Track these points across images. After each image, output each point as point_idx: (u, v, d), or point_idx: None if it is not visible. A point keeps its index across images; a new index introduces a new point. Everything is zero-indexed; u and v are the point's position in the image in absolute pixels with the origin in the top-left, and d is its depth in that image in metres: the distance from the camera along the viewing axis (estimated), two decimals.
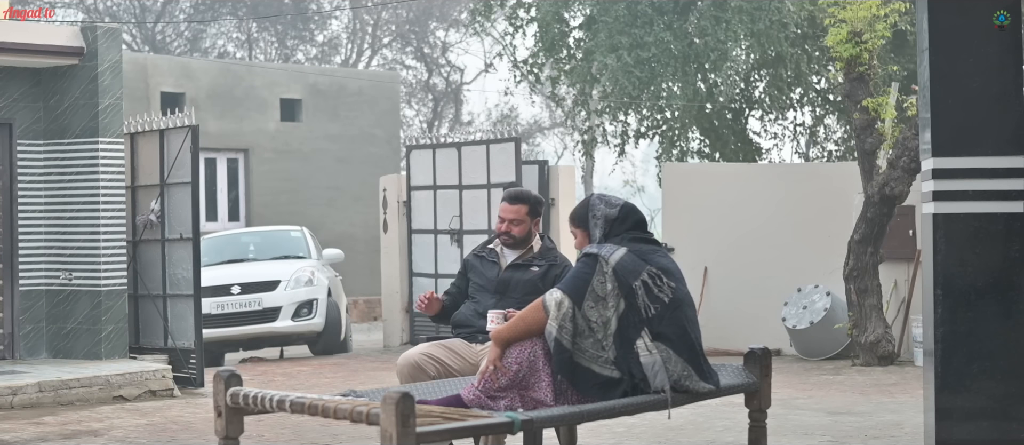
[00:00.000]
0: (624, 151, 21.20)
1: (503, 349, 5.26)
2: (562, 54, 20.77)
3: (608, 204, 5.50)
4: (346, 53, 34.72)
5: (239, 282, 15.03)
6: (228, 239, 16.81)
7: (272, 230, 17.35)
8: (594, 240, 5.46)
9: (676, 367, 5.25)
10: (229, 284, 14.98)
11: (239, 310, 14.89)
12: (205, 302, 13.25)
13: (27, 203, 11.64)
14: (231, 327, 14.82)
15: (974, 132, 5.87)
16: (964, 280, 5.85)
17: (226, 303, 14.88)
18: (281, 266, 15.62)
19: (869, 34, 12.37)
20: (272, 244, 16.65)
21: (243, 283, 15.04)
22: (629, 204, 5.53)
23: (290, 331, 15.13)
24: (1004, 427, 5.82)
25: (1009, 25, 5.83)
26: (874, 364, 12.23)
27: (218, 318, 14.69)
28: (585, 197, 5.63)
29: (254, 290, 15.03)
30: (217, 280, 14.82)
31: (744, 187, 14.34)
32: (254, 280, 15.16)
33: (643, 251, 5.35)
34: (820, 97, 20.36)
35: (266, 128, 20.37)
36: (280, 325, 15.06)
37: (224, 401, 5.15)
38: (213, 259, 15.55)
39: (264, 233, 17.22)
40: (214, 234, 16.65)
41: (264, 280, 15.14)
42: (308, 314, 15.03)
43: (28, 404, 10.19)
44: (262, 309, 14.98)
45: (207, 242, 15.36)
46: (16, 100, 11.56)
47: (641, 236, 5.43)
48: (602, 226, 5.45)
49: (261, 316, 15.00)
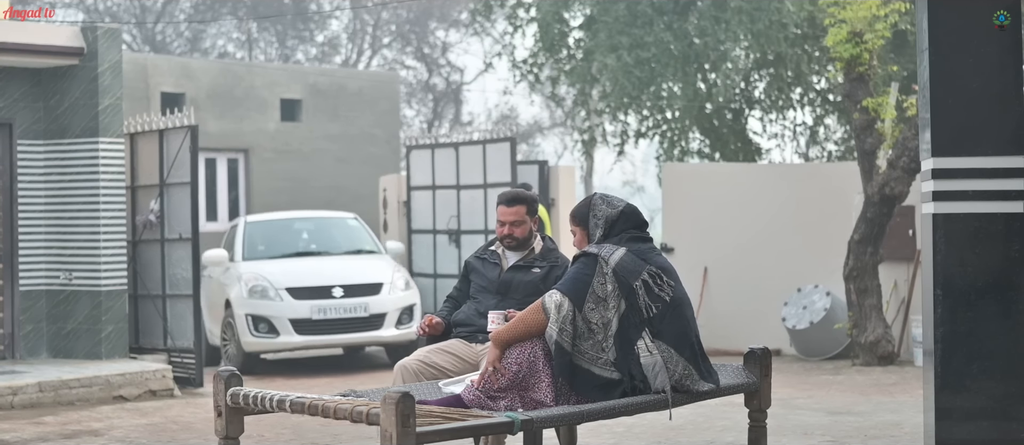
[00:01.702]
0: (624, 151, 21.20)
1: (503, 350, 5.26)
2: (562, 54, 20.76)
3: (610, 204, 5.50)
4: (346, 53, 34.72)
5: (341, 284, 13.23)
6: (279, 226, 14.87)
7: (325, 217, 15.53)
8: (593, 239, 5.46)
9: (677, 367, 5.25)
10: (330, 286, 13.20)
11: (343, 316, 13.06)
12: (301, 305, 12.91)
13: (27, 203, 11.64)
14: (333, 334, 13.10)
15: (974, 132, 5.87)
16: (964, 280, 5.85)
17: (328, 308, 13.06)
18: (372, 264, 13.90)
19: (869, 34, 12.37)
20: (329, 234, 14.94)
21: (345, 285, 13.23)
22: (630, 205, 5.52)
23: (394, 341, 13.40)
24: (1004, 427, 5.82)
25: (1009, 25, 5.83)
26: (874, 364, 12.23)
27: (319, 324, 13.04)
28: (587, 196, 5.63)
29: (357, 293, 13.20)
30: (312, 279, 13.32)
31: (744, 187, 14.33)
32: (356, 281, 13.34)
33: (641, 251, 5.36)
34: (820, 97, 20.34)
35: (266, 128, 20.38)
36: (385, 333, 13.35)
37: (224, 401, 5.15)
38: (270, 249, 14.16)
39: (317, 220, 15.33)
40: (258, 219, 14.91)
41: (367, 282, 13.34)
42: (408, 321, 13.39)
43: (28, 404, 10.19)
44: (368, 316, 13.23)
45: (253, 227, 14.40)
46: (16, 100, 11.56)
47: (639, 236, 5.44)
48: (602, 226, 5.45)
49: (366, 323, 13.25)
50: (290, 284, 13.12)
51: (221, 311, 13.63)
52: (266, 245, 14.20)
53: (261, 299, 13.05)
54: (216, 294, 13.83)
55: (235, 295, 13.22)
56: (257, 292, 13.08)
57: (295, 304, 13.01)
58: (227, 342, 13.43)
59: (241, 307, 13.06)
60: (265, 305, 13.02)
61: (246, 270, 13.47)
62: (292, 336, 12.93)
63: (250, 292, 13.09)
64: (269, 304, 13.01)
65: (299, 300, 13.03)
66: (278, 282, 13.11)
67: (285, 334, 12.93)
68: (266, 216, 15.19)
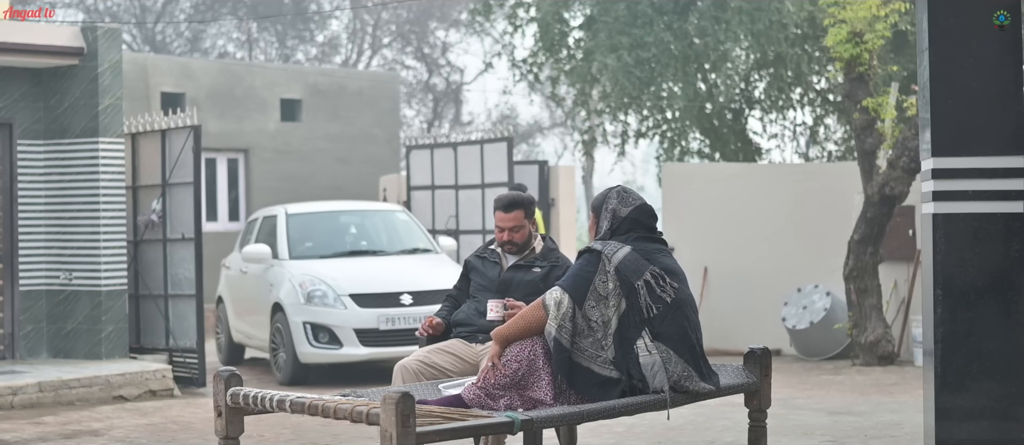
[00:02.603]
0: (624, 151, 21.21)
1: (503, 347, 5.27)
2: (562, 54, 20.77)
3: (623, 201, 5.46)
4: (346, 53, 34.71)
5: (409, 290, 11.96)
6: (324, 220, 13.55)
7: (373, 209, 14.14)
8: (601, 232, 5.46)
9: (676, 368, 5.25)
10: (398, 292, 11.93)
11: (413, 325, 11.67)
12: (368, 313, 11.78)
13: (27, 203, 11.64)
14: (401, 346, 11.62)
15: (974, 132, 5.87)
16: (964, 280, 5.85)
17: (396, 317, 11.82)
18: (435, 267, 12.69)
19: (869, 34, 12.37)
20: (377, 229, 13.67)
21: (414, 292, 11.95)
22: (643, 206, 5.46)
23: None
24: (1004, 427, 5.82)
25: (1009, 25, 5.83)
26: (874, 364, 12.23)
27: (386, 335, 11.84)
28: (609, 187, 5.61)
29: (426, 300, 11.77)
30: (378, 284, 12.08)
31: (744, 187, 14.34)
32: (425, 287, 12.01)
33: (647, 250, 5.34)
34: (820, 97, 20.35)
35: (266, 128, 20.38)
36: None
37: (224, 401, 5.15)
38: (318, 246, 12.99)
39: (364, 213, 13.94)
40: (300, 210, 13.54)
41: (435, 288, 11.79)
42: None
43: (28, 404, 10.20)
44: None
45: (296, 221, 13.14)
46: (16, 100, 11.57)
47: (647, 236, 5.42)
48: (609, 221, 5.45)
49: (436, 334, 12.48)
50: (354, 290, 11.92)
51: (263, 314, 12.62)
52: (314, 241, 13.03)
53: (321, 306, 11.86)
54: (257, 294, 12.90)
55: (288, 300, 12.05)
56: (317, 298, 11.90)
57: (361, 313, 11.80)
58: (277, 349, 12.28)
59: (297, 314, 11.90)
60: (326, 313, 11.82)
61: (298, 271, 12.26)
62: (357, 348, 11.75)
63: (308, 298, 11.92)
64: (331, 312, 11.82)
65: (365, 308, 11.83)
66: (340, 287, 11.92)
67: (349, 345, 11.77)
68: (307, 207, 13.83)
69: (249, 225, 14.14)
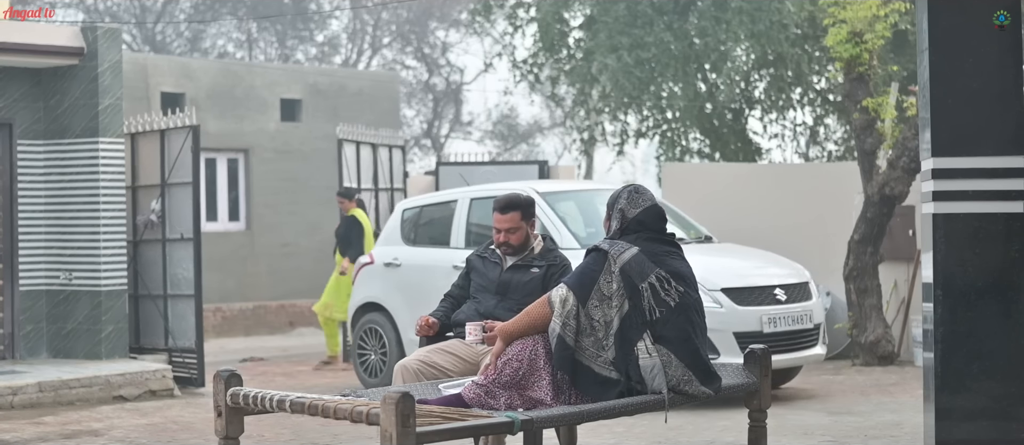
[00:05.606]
0: (624, 151, 21.20)
1: (507, 344, 5.27)
2: (562, 54, 20.77)
3: (633, 202, 5.44)
4: (346, 53, 34.70)
5: (781, 283, 9.99)
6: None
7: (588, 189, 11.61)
8: (611, 231, 5.46)
9: (676, 371, 5.24)
10: (772, 286, 9.93)
11: (792, 328, 9.85)
12: (748, 313, 9.61)
13: (27, 203, 11.64)
14: (784, 354, 9.67)
15: (974, 132, 5.88)
16: (964, 280, 5.85)
17: (777, 316, 9.76)
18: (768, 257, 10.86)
19: (869, 34, 12.37)
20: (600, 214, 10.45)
21: (786, 285, 10.01)
22: (653, 208, 5.44)
23: (819, 361, 10.59)
24: (1004, 427, 5.82)
25: (1009, 25, 5.83)
26: (874, 364, 12.22)
27: (766, 338, 9.53)
28: (625, 185, 5.61)
29: (797, 296, 10.03)
30: (750, 277, 9.98)
31: (744, 187, 14.33)
32: (793, 281, 10.15)
33: (656, 252, 5.32)
34: (820, 97, 20.34)
35: (266, 128, 20.37)
36: (819, 350, 10.27)
37: (224, 401, 5.15)
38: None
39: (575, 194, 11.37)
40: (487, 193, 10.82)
41: (799, 281, 10.19)
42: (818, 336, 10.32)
43: (28, 404, 10.19)
44: (813, 327, 10.11)
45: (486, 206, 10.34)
46: (16, 100, 11.57)
47: (657, 238, 5.40)
48: (618, 220, 5.45)
49: (807, 337, 10.07)
50: (727, 283, 9.75)
51: None
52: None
53: None
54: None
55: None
56: None
57: (740, 312, 9.64)
58: None
59: None
60: None
61: None
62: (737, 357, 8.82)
63: None
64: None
65: (744, 307, 9.68)
66: (711, 281, 9.60)
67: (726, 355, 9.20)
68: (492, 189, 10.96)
69: (407, 214, 11.70)
